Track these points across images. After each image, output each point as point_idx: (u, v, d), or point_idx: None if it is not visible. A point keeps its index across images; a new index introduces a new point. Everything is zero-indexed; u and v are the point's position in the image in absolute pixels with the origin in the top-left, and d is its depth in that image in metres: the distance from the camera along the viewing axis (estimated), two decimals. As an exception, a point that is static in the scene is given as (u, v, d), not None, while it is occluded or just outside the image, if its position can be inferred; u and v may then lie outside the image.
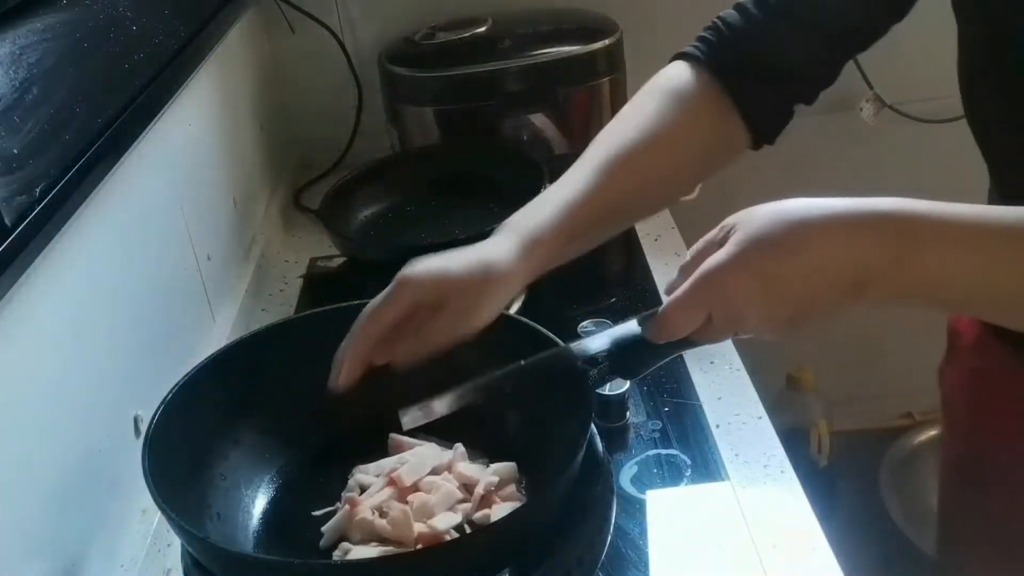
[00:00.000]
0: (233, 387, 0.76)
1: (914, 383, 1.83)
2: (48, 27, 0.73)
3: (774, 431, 0.88)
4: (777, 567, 0.73)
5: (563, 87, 1.32)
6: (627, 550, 0.76)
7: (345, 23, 1.46)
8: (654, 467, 0.85)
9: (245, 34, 1.34)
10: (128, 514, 0.79)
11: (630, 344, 0.68)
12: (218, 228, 1.13)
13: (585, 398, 0.68)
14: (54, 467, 0.69)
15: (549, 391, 0.73)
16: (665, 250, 1.21)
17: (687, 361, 0.98)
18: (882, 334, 1.74)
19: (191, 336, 0.99)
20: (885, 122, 1.55)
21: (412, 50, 1.37)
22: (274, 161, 1.42)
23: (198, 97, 1.09)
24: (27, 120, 0.66)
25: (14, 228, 0.62)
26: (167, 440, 0.67)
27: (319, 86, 1.50)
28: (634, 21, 1.41)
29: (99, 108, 0.78)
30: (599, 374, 0.82)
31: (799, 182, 1.72)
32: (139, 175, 0.88)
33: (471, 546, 0.62)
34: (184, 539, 0.64)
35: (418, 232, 1.20)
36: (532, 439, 0.75)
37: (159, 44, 0.94)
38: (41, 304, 0.68)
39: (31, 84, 0.68)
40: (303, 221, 1.39)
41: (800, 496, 0.80)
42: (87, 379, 0.75)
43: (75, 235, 0.73)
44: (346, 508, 0.72)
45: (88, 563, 0.71)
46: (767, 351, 1.33)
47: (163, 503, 0.62)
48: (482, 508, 0.71)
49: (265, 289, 1.22)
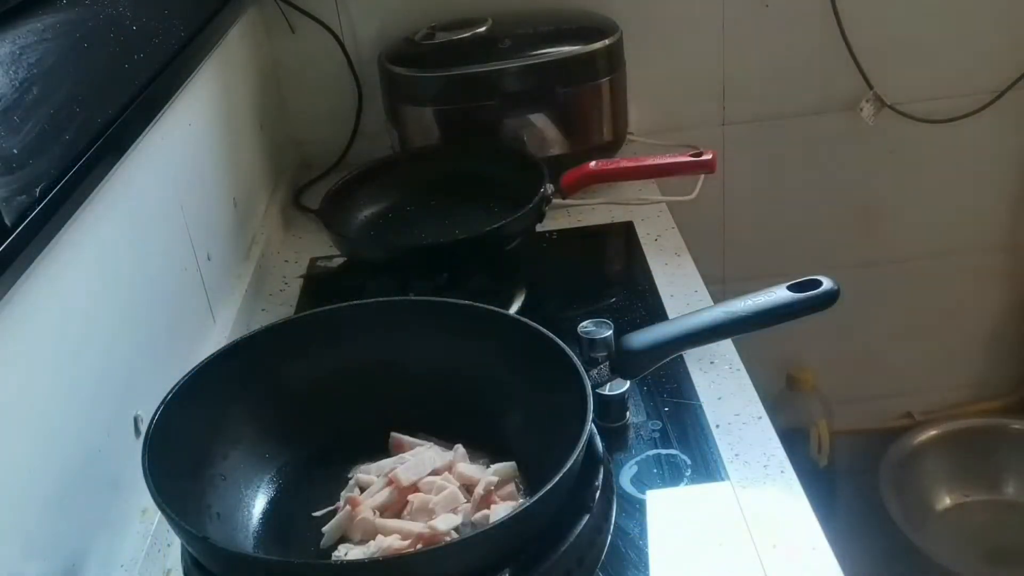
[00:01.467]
0: (233, 387, 0.76)
1: (914, 383, 1.84)
2: (48, 27, 0.73)
3: (774, 431, 0.88)
4: (777, 567, 0.73)
5: (563, 87, 1.32)
6: (627, 550, 0.76)
7: (345, 23, 1.46)
8: (654, 467, 0.85)
9: (245, 34, 1.34)
10: (128, 514, 0.79)
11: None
12: (218, 228, 1.13)
13: (584, 398, 0.68)
14: (54, 467, 0.69)
15: (549, 391, 0.73)
16: (665, 250, 1.21)
17: (687, 361, 0.98)
18: (882, 334, 1.74)
19: (191, 336, 0.99)
20: (885, 122, 1.55)
21: (412, 50, 1.37)
22: (274, 161, 1.42)
23: (198, 97, 1.09)
24: (27, 120, 0.66)
25: (14, 228, 0.62)
26: (167, 440, 0.67)
27: (319, 86, 1.50)
28: (634, 21, 1.41)
29: (99, 108, 0.78)
30: (599, 374, 0.82)
31: (799, 182, 1.74)
32: (139, 175, 0.88)
33: (471, 546, 0.62)
34: (184, 539, 0.64)
35: (418, 232, 1.20)
36: (532, 439, 0.75)
37: (159, 44, 0.95)
38: (41, 304, 0.68)
39: (31, 84, 0.68)
40: (303, 221, 1.39)
41: (800, 496, 0.80)
42: (87, 379, 0.75)
43: (75, 235, 0.73)
44: (347, 508, 0.72)
45: (88, 563, 0.71)
46: (767, 351, 1.33)
47: (163, 503, 0.62)
48: (481, 508, 0.71)
49: (265, 289, 1.22)
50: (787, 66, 1.52)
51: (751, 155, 1.58)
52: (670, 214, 1.30)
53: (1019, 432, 1.77)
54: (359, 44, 1.47)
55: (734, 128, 1.56)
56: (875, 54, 1.51)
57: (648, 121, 1.52)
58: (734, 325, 0.80)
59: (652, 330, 0.83)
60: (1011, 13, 1.51)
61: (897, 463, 1.75)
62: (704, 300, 1.09)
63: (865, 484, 1.74)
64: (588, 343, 0.84)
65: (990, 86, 1.54)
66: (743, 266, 1.64)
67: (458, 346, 0.80)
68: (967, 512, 1.77)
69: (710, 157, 1.15)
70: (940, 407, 1.83)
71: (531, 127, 1.34)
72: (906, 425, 1.82)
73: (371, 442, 0.79)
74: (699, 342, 0.83)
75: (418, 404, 0.81)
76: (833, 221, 1.64)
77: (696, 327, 0.81)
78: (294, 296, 1.21)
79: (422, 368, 0.81)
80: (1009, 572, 1.67)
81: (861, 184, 1.62)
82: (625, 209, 1.32)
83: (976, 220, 1.68)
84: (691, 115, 1.55)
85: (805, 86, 1.54)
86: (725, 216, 1.64)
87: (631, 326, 0.85)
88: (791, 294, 0.79)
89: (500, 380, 0.78)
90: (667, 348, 0.81)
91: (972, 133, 1.56)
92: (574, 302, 1.13)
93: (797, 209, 1.63)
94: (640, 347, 0.81)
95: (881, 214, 1.65)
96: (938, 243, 1.68)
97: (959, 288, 1.73)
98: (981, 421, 1.80)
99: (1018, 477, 1.77)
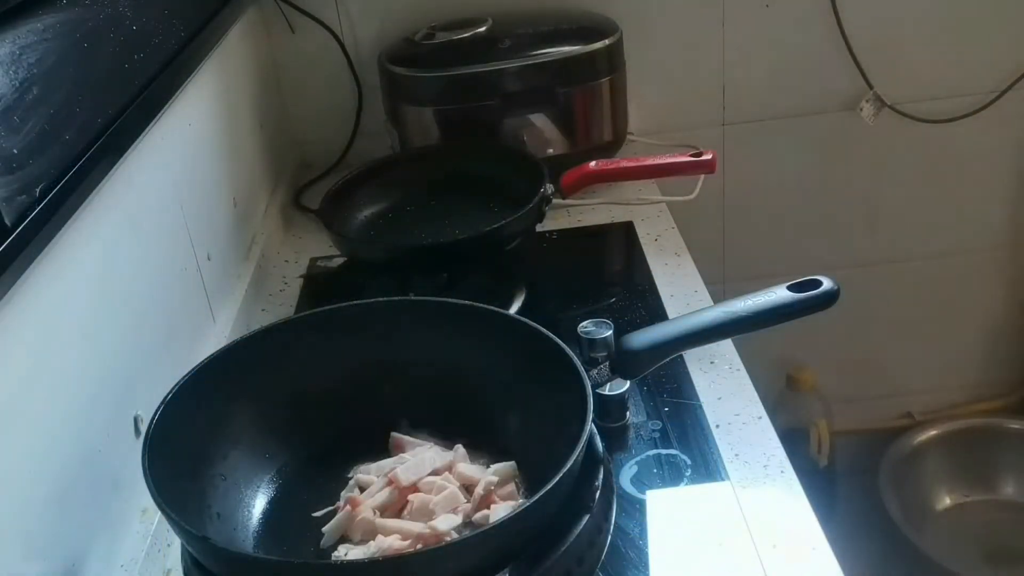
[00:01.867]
0: (233, 387, 0.76)
1: (914, 383, 1.84)
2: (48, 27, 0.73)
3: (774, 431, 0.88)
4: (777, 567, 0.73)
5: (563, 87, 1.32)
6: (627, 550, 0.76)
7: (345, 23, 1.46)
8: (654, 467, 0.85)
9: (245, 34, 1.34)
10: (128, 514, 0.79)
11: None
12: (218, 228, 1.13)
13: (584, 398, 0.68)
14: (54, 467, 0.69)
15: (549, 391, 0.73)
16: (665, 250, 1.21)
17: (687, 361, 0.98)
18: (882, 334, 1.74)
19: (191, 336, 0.99)
20: (885, 122, 1.55)
21: (412, 50, 1.37)
22: (274, 161, 1.42)
23: (198, 97, 1.09)
24: (27, 120, 0.66)
25: (14, 228, 0.62)
26: (167, 440, 0.67)
27: (319, 86, 1.50)
28: (634, 21, 1.41)
29: (99, 108, 0.78)
30: (599, 374, 0.82)
31: (799, 182, 1.74)
32: (139, 175, 0.88)
33: (471, 546, 0.62)
34: (184, 539, 0.64)
35: (418, 232, 1.20)
36: (532, 439, 0.75)
37: (159, 44, 0.94)
38: (41, 304, 0.68)
39: (31, 84, 0.68)
40: (303, 221, 1.39)
41: (800, 496, 0.80)
42: (87, 379, 0.75)
43: (75, 235, 0.73)
44: (347, 508, 0.72)
45: (88, 563, 0.71)
46: (767, 351, 1.33)
47: (163, 503, 0.62)
48: (481, 508, 0.71)
49: (265, 289, 1.22)
50: (787, 66, 1.52)
51: (751, 155, 1.58)
52: (670, 214, 1.30)
53: (1019, 432, 1.77)
54: (359, 44, 1.47)
55: (734, 128, 1.56)
56: (875, 54, 1.51)
57: (648, 121, 1.52)
58: (734, 325, 0.80)
59: (652, 330, 0.83)
60: (1011, 13, 1.51)
61: (897, 463, 1.75)
62: (704, 300, 1.09)
63: (865, 484, 1.74)
64: (588, 343, 0.84)
65: (990, 86, 1.54)
66: (743, 266, 1.64)
67: (458, 346, 0.80)
68: (967, 512, 1.77)
69: (710, 157, 1.15)
70: (940, 407, 1.83)
71: (531, 127, 1.34)
72: (906, 425, 1.82)
73: (371, 442, 0.79)
74: (699, 342, 0.83)
75: (418, 404, 0.81)
76: (833, 221, 1.64)
77: (696, 327, 0.81)
78: (294, 296, 1.21)
79: (422, 368, 0.81)
80: (1009, 572, 1.67)
81: (861, 184, 1.62)
82: (625, 209, 1.32)
83: (976, 220, 1.68)
84: (691, 115, 1.55)
85: (805, 86, 1.54)
86: (725, 216, 1.64)
87: (631, 326, 0.85)
88: (791, 294, 0.79)
89: (500, 380, 0.78)
90: (667, 348, 0.81)
91: (972, 133, 1.56)
92: (574, 302, 1.13)
93: (797, 209, 1.63)
94: (640, 347, 0.81)
95: (881, 214, 1.65)
96: (938, 243, 1.68)
97: (959, 288, 1.73)
98: (981, 421, 1.80)
99: (1018, 477, 1.77)
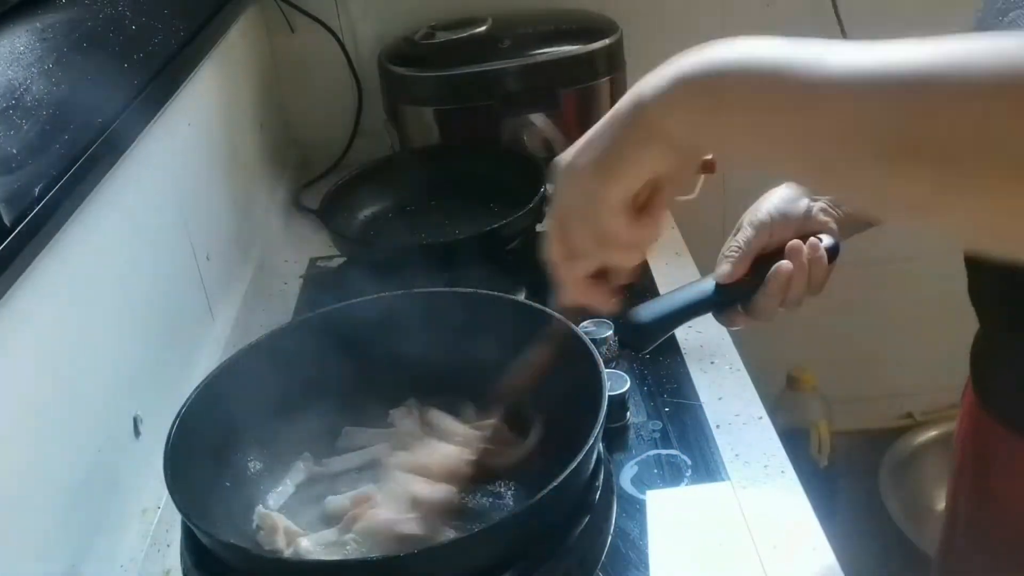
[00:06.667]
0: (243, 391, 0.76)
1: (914, 383, 1.83)
2: (48, 27, 0.73)
3: (774, 431, 0.88)
4: (777, 567, 0.73)
5: (563, 87, 1.32)
6: (627, 550, 0.76)
7: (345, 23, 1.46)
8: (654, 467, 0.85)
9: (245, 34, 1.34)
10: (128, 514, 0.79)
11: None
12: (218, 228, 1.13)
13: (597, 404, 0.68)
14: (54, 467, 0.69)
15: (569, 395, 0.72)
16: (665, 250, 1.21)
17: (687, 361, 0.98)
18: (882, 334, 1.74)
19: (191, 336, 0.99)
20: (885, 122, 1.55)
21: (412, 50, 1.37)
22: (274, 161, 1.42)
23: (198, 97, 1.09)
24: (27, 120, 0.66)
25: (14, 228, 0.62)
26: (185, 448, 0.68)
27: (319, 86, 1.50)
28: (634, 21, 1.41)
29: (99, 108, 0.78)
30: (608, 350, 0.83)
31: (799, 182, 1.71)
32: (139, 175, 0.88)
33: (471, 546, 0.62)
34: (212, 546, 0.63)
35: (418, 232, 1.20)
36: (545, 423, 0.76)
37: (159, 44, 0.94)
38: (40, 304, 0.68)
39: (31, 84, 0.68)
40: (303, 221, 1.39)
41: (800, 496, 0.80)
42: (87, 379, 0.75)
43: (75, 235, 0.73)
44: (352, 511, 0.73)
45: (88, 563, 0.71)
46: (767, 351, 1.33)
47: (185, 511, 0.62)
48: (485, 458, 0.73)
49: (265, 289, 1.22)
50: (787, 66, 1.52)
51: (751, 155, 1.58)
52: (670, 214, 1.30)
53: (1019, 432, 1.77)
54: (359, 44, 1.47)
55: (734, 128, 1.56)
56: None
57: (648, 121, 1.51)
58: (739, 290, 0.80)
59: (659, 301, 0.83)
60: (1011, 13, 1.51)
61: (897, 463, 1.75)
62: (704, 300, 1.09)
63: (865, 484, 1.74)
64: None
65: (990, 86, 1.54)
66: (743, 266, 1.64)
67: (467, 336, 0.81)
68: (967, 512, 1.76)
69: (710, 156, 1.15)
70: (940, 407, 1.82)
71: (531, 127, 1.34)
72: (906, 425, 1.82)
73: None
74: (705, 309, 0.82)
75: (427, 395, 0.83)
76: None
77: (702, 295, 0.81)
78: (294, 296, 1.20)
79: (430, 359, 0.82)
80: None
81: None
82: (625, 209, 1.31)
83: (976, 220, 1.67)
84: (691, 115, 1.55)
85: (805, 86, 1.54)
86: (725, 216, 1.64)
87: (631, 326, 0.85)
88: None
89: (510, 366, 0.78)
90: (675, 318, 0.81)
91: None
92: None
93: (797, 209, 1.63)
94: (648, 319, 0.81)
95: (881, 214, 1.65)
96: (938, 243, 1.68)
97: (959, 288, 1.72)
98: (981, 421, 1.80)
99: (1018, 477, 1.77)
